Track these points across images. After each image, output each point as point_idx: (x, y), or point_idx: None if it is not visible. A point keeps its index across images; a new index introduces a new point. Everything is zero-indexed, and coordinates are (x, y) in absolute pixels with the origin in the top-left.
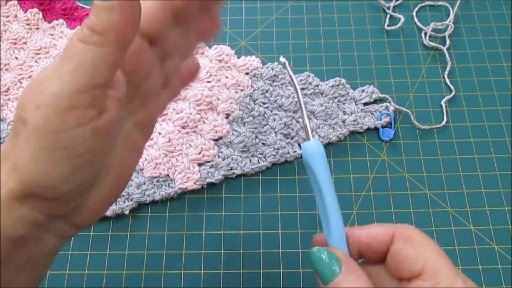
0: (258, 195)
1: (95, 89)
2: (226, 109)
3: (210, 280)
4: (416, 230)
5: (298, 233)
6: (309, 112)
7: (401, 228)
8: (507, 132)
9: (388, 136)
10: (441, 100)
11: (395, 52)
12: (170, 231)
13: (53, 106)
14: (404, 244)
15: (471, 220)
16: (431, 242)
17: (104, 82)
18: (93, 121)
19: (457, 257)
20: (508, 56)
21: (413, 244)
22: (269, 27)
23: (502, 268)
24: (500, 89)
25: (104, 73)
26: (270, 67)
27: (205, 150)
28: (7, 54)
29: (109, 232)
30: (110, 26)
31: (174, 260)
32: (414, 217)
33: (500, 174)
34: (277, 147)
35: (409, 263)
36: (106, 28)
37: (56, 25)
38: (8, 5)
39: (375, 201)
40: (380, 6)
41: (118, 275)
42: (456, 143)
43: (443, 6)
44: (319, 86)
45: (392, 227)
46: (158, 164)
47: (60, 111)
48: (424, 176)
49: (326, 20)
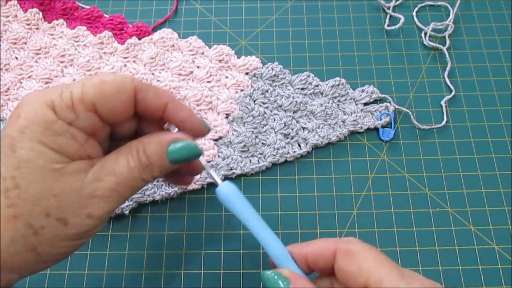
0: (258, 195)
1: None
2: (226, 109)
3: (210, 280)
4: (357, 242)
5: (298, 233)
6: (309, 112)
7: (342, 243)
8: (507, 132)
9: (388, 136)
10: (441, 100)
11: (395, 52)
12: (170, 231)
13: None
14: (345, 259)
15: (471, 220)
16: (371, 252)
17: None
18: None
19: (457, 257)
20: (508, 56)
21: (354, 258)
22: (269, 27)
23: (502, 268)
24: (500, 89)
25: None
26: (270, 67)
27: (205, 150)
28: (7, 54)
29: (109, 232)
30: None
31: (174, 260)
32: (414, 217)
33: (500, 174)
34: (277, 147)
35: (353, 277)
36: None
37: (56, 25)
38: (8, 5)
39: (375, 201)
40: (380, 6)
41: (118, 275)
42: (456, 143)
43: (443, 6)
44: (319, 86)
45: (334, 242)
46: None
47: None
48: (424, 176)
49: (326, 20)
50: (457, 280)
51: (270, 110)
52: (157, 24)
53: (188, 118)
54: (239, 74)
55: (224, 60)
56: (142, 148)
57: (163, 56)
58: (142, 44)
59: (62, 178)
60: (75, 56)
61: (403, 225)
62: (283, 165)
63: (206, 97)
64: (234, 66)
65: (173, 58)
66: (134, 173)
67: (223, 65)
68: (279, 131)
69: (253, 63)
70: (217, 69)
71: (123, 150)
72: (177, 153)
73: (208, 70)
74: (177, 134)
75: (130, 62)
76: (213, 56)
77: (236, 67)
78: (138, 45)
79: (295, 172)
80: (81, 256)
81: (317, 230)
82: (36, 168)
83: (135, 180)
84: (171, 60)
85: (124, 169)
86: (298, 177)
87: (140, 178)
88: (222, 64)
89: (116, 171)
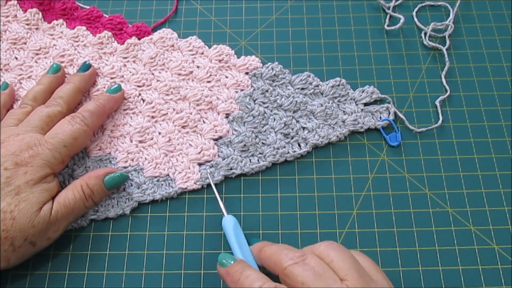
0: (258, 195)
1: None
2: (226, 108)
3: (210, 280)
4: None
5: (298, 233)
6: (309, 112)
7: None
8: (507, 132)
9: (397, 140)
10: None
11: (395, 52)
12: (170, 231)
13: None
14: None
15: (471, 220)
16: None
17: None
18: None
19: (457, 257)
20: (508, 56)
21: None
22: (269, 27)
23: (502, 268)
24: (500, 89)
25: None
26: (270, 67)
27: (205, 150)
28: (7, 54)
29: (109, 232)
30: None
31: (174, 260)
32: (414, 217)
33: (500, 174)
34: (277, 146)
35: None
36: None
37: (56, 25)
38: (8, 5)
39: (375, 201)
40: (380, 6)
41: (118, 275)
42: (456, 143)
43: (443, 6)
44: (319, 86)
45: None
46: (158, 163)
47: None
48: (424, 176)
49: (326, 20)
50: (457, 280)
51: (270, 110)
52: (157, 24)
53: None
54: (239, 74)
55: (224, 60)
56: (85, 183)
57: (163, 56)
58: (141, 44)
59: (39, 214)
60: (74, 56)
61: (403, 225)
62: (283, 165)
63: (206, 97)
64: (234, 66)
65: (172, 58)
66: (79, 204)
67: (223, 65)
68: (279, 131)
69: (253, 63)
70: (217, 69)
71: (70, 187)
72: (111, 182)
73: (208, 70)
74: (108, 169)
75: (130, 62)
76: (213, 56)
77: (236, 67)
78: (137, 45)
79: (295, 172)
80: (81, 256)
81: (317, 230)
82: (29, 206)
83: (79, 209)
84: (170, 60)
85: (72, 202)
86: (298, 177)
87: (84, 206)
88: (222, 64)
89: (66, 204)
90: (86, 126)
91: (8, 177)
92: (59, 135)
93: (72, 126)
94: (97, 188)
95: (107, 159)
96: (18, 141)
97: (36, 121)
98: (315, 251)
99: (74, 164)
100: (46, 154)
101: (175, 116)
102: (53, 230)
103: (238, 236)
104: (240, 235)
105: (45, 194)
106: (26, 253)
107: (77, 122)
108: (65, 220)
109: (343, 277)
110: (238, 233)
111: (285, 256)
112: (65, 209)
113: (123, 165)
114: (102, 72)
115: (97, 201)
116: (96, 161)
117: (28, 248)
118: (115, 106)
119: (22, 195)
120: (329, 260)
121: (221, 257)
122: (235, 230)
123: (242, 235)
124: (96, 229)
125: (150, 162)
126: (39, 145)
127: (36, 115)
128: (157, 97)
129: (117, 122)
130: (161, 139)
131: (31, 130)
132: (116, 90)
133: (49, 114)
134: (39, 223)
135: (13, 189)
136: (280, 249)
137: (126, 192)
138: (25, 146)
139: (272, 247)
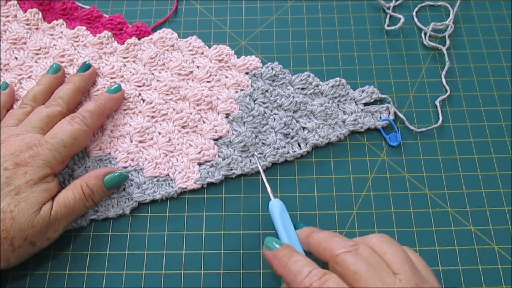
0: (258, 195)
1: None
2: (226, 108)
3: (210, 280)
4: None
5: None
6: (309, 112)
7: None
8: (507, 132)
9: (397, 140)
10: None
11: (395, 52)
12: (170, 231)
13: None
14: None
15: (471, 220)
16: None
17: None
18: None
19: (457, 257)
20: (508, 56)
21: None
22: (269, 27)
23: (502, 268)
24: (500, 89)
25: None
26: (270, 67)
27: (205, 150)
28: (7, 54)
29: (109, 232)
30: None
31: (174, 260)
32: (414, 217)
33: (500, 174)
34: (277, 146)
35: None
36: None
37: (55, 25)
38: (8, 5)
39: (375, 201)
40: (380, 6)
41: (118, 275)
42: (456, 143)
43: (443, 6)
44: (319, 86)
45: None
46: (158, 163)
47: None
48: (424, 176)
49: (326, 20)
50: (457, 280)
51: (270, 109)
52: (157, 24)
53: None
54: (239, 74)
55: (224, 60)
56: (85, 183)
57: (163, 56)
58: (141, 44)
59: (39, 214)
60: (74, 56)
61: (403, 225)
62: (283, 165)
63: (206, 97)
64: (234, 66)
65: (172, 58)
66: (79, 204)
67: (223, 65)
68: (279, 131)
69: (253, 63)
70: (217, 69)
71: (70, 187)
72: (111, 181)
73: (208, 70)
74: (108, 168)
75: (130, 62)
76: (213, 56)
77: (236, 67)
78: (137, 45)
79: (295, 172)
80: (81, 256)
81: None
82: (29, 206)
83: (79, 208)
84: (170, 60)
85: (72, 202)
86: (298, 177)
87: (83, 206)
88: (222, 64)
89: (66, 204)
90: (86, 126)
91: (8, 177)
92: (59, 135)
93: (72, 126)
94: (97, 188)
95: (107, 159)
96: (18, 141)
97: (36, 121)
98: (368, 243)
99: (74, 164)
100: (46, 154)
101: (175, 116)
102: (53, 230)
103: (284, 220)
104: (286, 219)
105: (45, 194)
106: (26, 253)
107: (77, 122)
108: (65, 220)
109: (396, 271)
110: (284, 217)
111: (337, 244)
112: (65, 209)
113: (123, 165)
114: (102, 72)
115: (97, 201)
116: (96, 161)
117: (28, 248)
118: (115, 106)
119: (22, 195)
120: (382, 253)
121: (267, 240)
122: (281, 214)
123: (288, 219)
124: (96, 229)
125: (150, 162)
126: (39, 145)
127: (36, 115)
128: (157, 97)
129: (117, 122)
130: (161, 139)
131: (31, 130)
132: (116, 90)
133: (49, 114)
134: (39, 223)
135: (13, 189)
136: (330, 236)
137: (126, 192)
138: (25, 146)
139: (322, 234)
